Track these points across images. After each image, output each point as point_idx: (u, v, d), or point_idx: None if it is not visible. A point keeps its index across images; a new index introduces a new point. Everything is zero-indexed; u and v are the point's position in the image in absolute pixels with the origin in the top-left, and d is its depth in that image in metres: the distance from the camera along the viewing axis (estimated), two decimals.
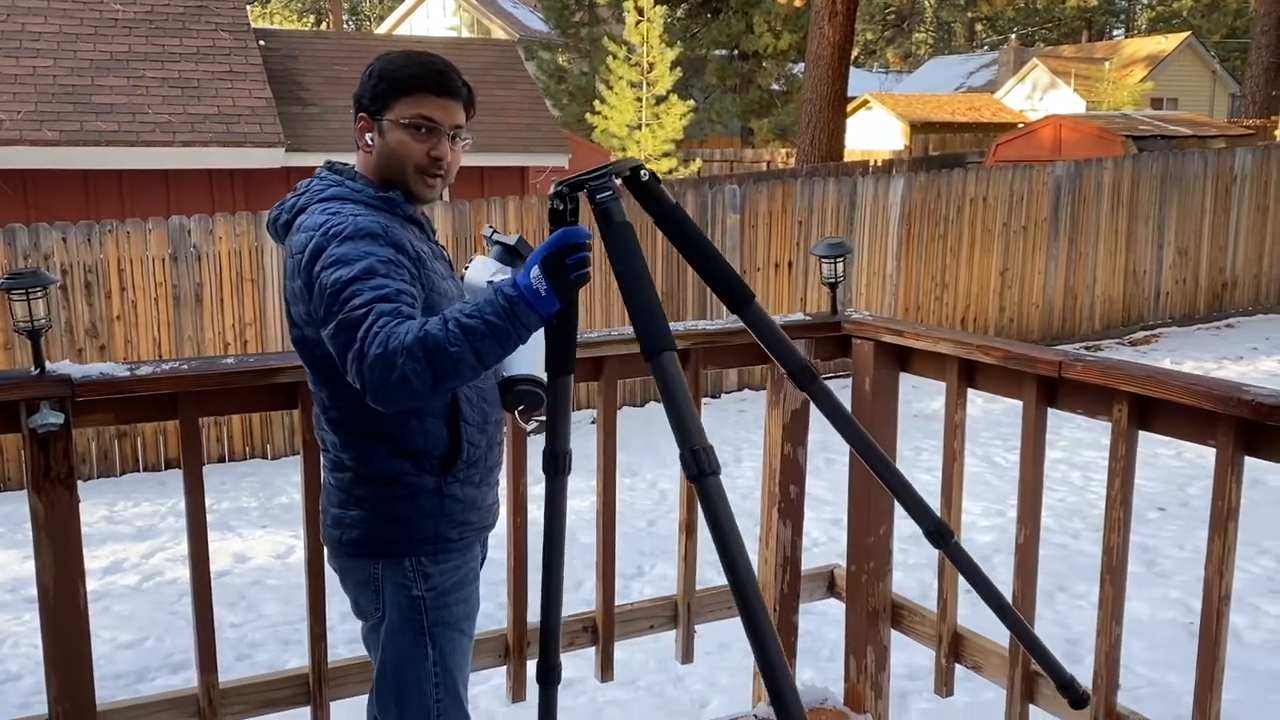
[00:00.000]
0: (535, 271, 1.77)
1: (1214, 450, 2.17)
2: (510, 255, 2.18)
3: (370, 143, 2.04)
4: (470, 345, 1.76)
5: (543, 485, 2.05)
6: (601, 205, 1.79)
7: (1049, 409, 2.55)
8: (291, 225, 2.03)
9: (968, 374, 2.73)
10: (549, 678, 2.22)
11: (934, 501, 3.22)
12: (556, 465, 2.01)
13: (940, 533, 2.20)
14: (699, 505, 1.74)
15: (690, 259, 1.97)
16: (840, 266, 2.98)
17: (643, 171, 1.88)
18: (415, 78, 2.01)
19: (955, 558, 2.22)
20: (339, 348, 1.83)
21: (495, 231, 2.18)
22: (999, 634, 2.77)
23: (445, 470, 2.04)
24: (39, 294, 2.23)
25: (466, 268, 2.16)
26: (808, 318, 3.08)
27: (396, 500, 2.03)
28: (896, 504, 3.22)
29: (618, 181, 1.83)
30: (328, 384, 2.02)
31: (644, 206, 1.88)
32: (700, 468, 1.70)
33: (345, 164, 2.11)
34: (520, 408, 2.13)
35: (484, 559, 2.26)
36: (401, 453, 2.01)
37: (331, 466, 2.10)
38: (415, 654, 2.07)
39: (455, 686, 2.12)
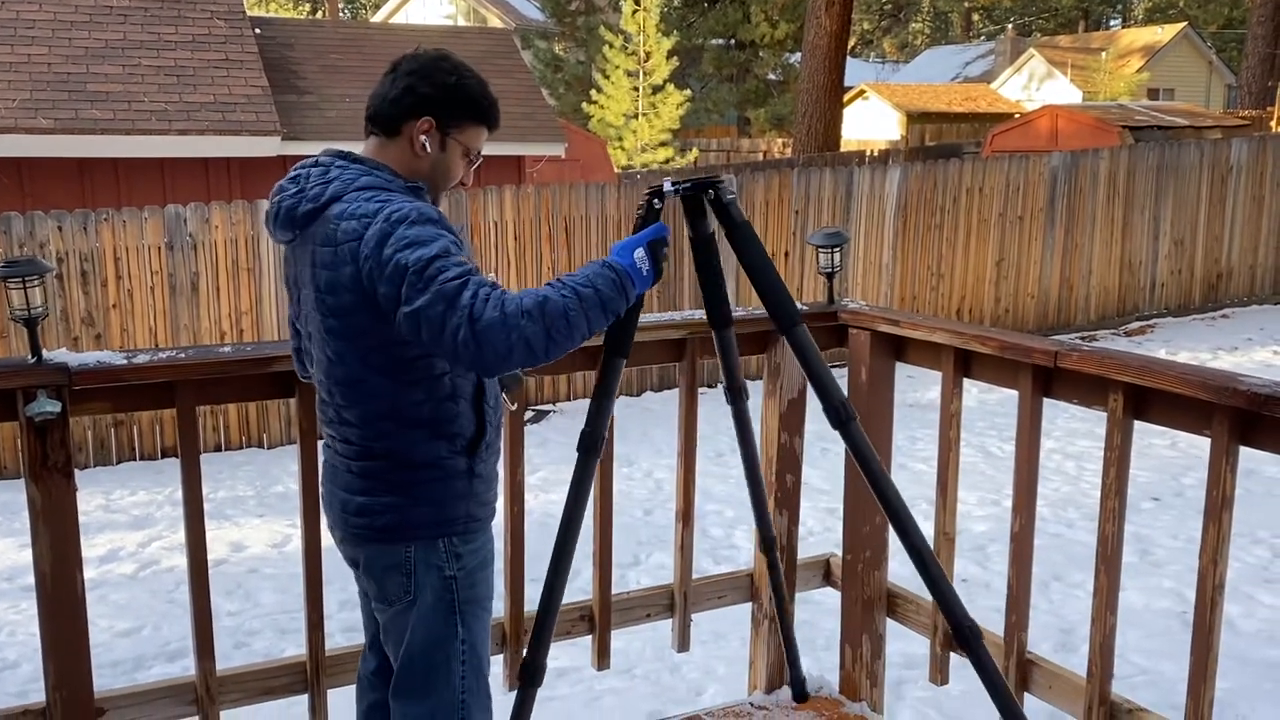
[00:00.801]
0: (640, 253, 2.02)
1: (1208, 440, 2.18)
2: None
3: (426, 147, 2.07)
4: (584, 313, 1.91)
5: (538, 476, 2.10)
6: (727, 205, 2.16)
7: (1044, 399, 2.55)
8: (318, 215, 2.00)
9: (964, 364, 2.74)
10: (532, 678, 2.32)
11: (930, 491, 3.23)
12: (595, 445, 2.16)
13: (767, 541, 2.76)
14: (847, 449, 2.28)
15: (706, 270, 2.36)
16: (837, 256, 2.98)
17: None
18: (491, 113, 2.12)
19: (773, 567, 2.76)
20: (435, 317, 1.85)
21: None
22: (995, 623, 2.78)
23: (472, 451, 2.09)
24: (35, 282, 2.22)
25: None
26: (804, 307, 3.08)
27: (432, 483, 2.07)
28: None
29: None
30: (377, 373, 2.01)
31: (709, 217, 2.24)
32: (847, 414, 2.18)
33: (355, 153, 2.09)
34: (502, 388, 2.20)
35: None
36: (440, 436, 2.05)
37: (358, 455, 2.09)
38: (446, 634, 2.11)
39: (480, 664, 2.18)
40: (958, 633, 2.21)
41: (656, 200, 2.13)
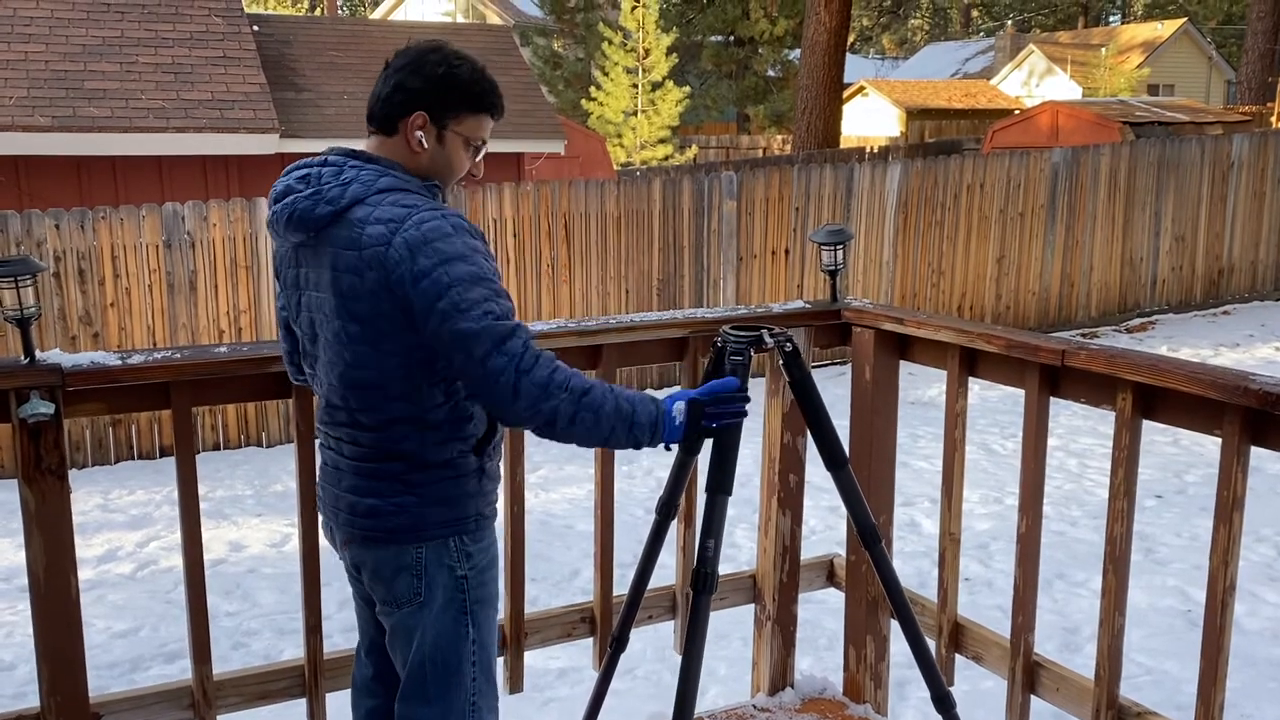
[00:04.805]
0: (680, 405, 2.03)
1: (1212, 438, 2.15)
2: None
3: (423, 144, 2.03)
4: (612, 423, 1.95)
5: (539, 474, 2.08)
6: (790, 353, 2.32)
7: (1051, 398, 2.52)
8: (338, 217, 1.96)
9: (969, 362, 2.71)
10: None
11: (930, 489, 3.21)
12: (710, 586, 2.18)
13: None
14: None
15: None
16: (840, 254, 2.94)
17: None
18: (487, 99, 2.06)
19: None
20: (478, 351, 1.88)
21: None
22: (1000, 624, 2.75)
23: (481, 450, 2.09)
24: (28, 281, 2.19)
25: None
26: (808, 305, 3.05)
27: (444, 482, 2.06)
28: (897, 493, 3.21)
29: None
30: (400, 378, 1.99)
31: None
32: (873, 537, 2.41)
33: (366, 152, 2.06)
34: None
35: None
36: (455, 437, 2.05)
37: (371, 457, 2.05)
38: (458, 634, 2.10)
39: (490, 664, 2.16)
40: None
41: (749, 350, 2.21)
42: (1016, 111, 23.21)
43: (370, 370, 2.00)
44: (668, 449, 2.09)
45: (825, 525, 5.68)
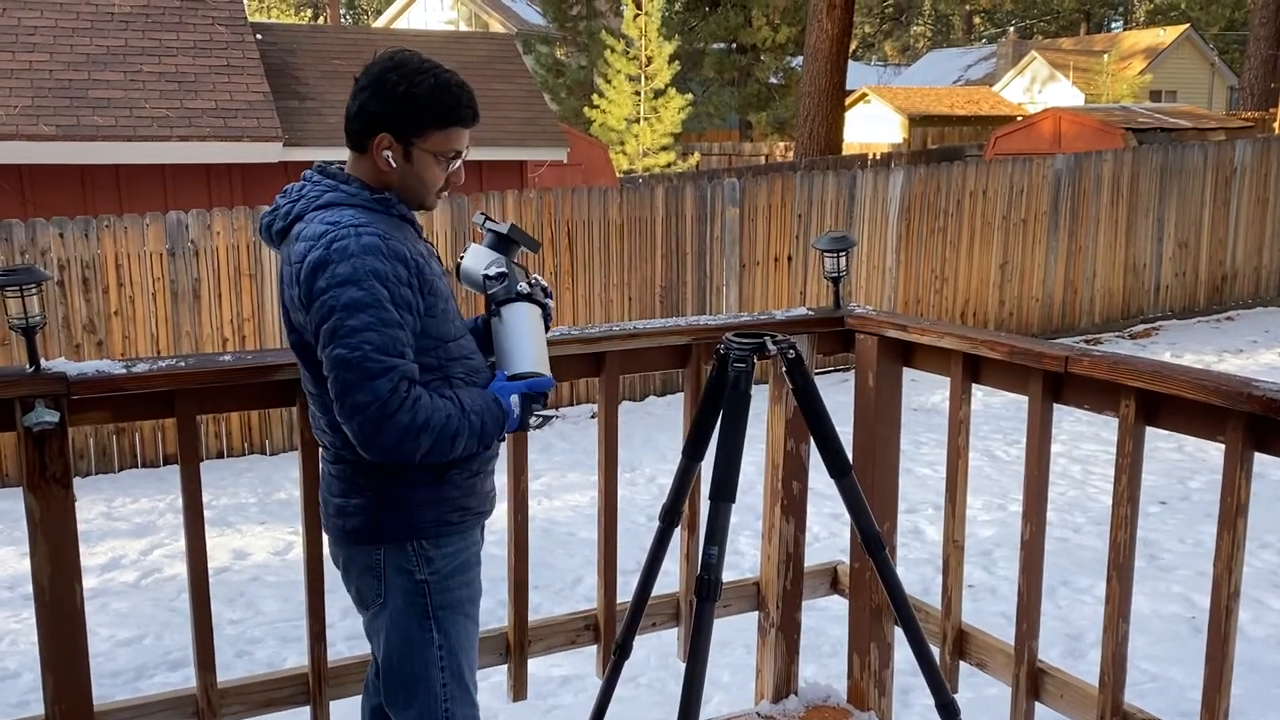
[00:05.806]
0: (515, 399, 2.08)
1: (1216, 445, 2.15)
2: (503, 243, 2.22)
3: (391, 163, 2.04)
4: (465, 441, 2.01)
5: (541, 482, 2.09)
6: (793, 360, 2.31)
7: (1054, 404, 2.52)
8: (288, 232, 2.04)
9: (972, 369, 2.71)
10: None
11: (934, 496, 3.22)
12: (714, 592, 2.18)
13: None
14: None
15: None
16: (843, 261, 2.95)
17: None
18: (453, 114, 2.04)
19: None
20: (345, 381, 1.90)
21: (488, 219, 2.25)
22: (1004, 631, 2.75)
23: (444, 465, 2.09)
24: (33, 290, 2.19)
25: (462, 257, 2.23)
26: (811, 313, 3.05)
27: (397, 488, 2.07)
28: (901, 500, 3.20)
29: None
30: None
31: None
32: (877, 544, 2.38)
33: (336, 165, 2.12)
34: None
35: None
36: None
37: (332, 459, 2.14)
38: (420, 638, 2.11)
39: (461, 670, 2.16)
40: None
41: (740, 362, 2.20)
42: (1019, 118, 23.25)
43: (312, 379, 2.07)
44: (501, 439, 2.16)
45: (829, 532, 5.67)
